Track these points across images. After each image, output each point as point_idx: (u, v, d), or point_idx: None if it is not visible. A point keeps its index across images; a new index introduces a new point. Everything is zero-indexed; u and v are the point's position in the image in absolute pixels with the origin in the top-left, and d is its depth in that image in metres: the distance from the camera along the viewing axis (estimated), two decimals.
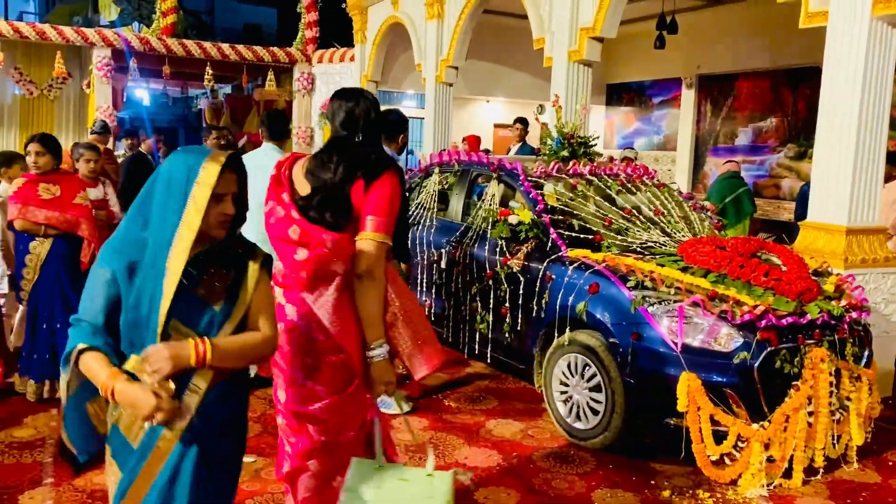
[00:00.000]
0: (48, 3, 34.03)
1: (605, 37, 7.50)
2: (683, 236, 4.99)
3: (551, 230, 4.80)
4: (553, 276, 4.57)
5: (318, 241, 2.45)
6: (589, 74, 7.92)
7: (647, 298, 3.99)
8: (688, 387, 3.67)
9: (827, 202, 5.11)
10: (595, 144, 6.00)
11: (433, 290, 5.81)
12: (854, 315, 4.08)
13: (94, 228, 4.83)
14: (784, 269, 4.08)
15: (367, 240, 2.47)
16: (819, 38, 5.19)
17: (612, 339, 4.09)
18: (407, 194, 4.85)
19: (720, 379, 3.75)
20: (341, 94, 2.70)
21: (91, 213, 4.91)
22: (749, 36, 11.10)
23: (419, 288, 6.00)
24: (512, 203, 5.22)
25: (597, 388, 4.23)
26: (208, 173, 1.94)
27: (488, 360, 5.38)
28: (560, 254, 4.66)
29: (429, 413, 4.79)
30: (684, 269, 4.17)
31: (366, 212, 2.50)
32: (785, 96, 11.08)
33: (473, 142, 14.33)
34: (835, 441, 3.93)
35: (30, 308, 4.81)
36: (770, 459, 3.75)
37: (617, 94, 14.61)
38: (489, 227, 5.23)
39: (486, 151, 8.39)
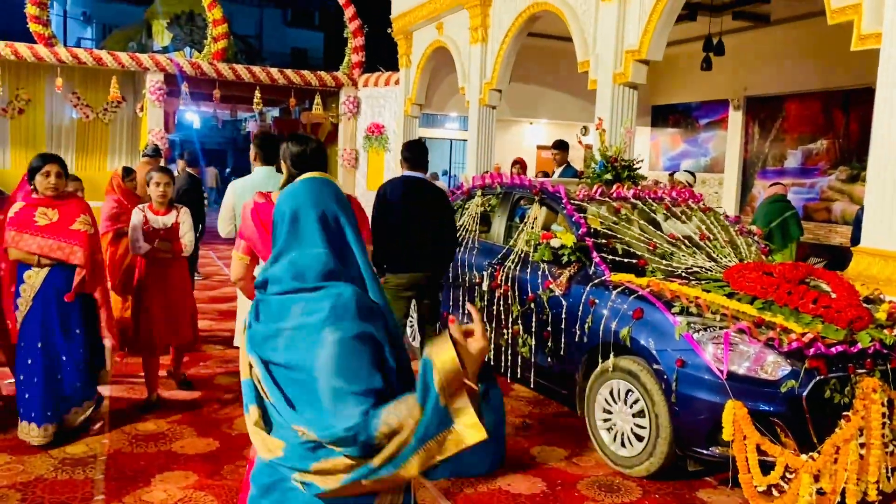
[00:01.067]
0: (105, 30, 35.25)
1: (651, 59, 7.46)
2: (730, 261, 4.90)
3: (594, 254, 4.75)
4: (596, 301, 4.51)
5: None
6: (634, 97, 7.88)
7: (692, 325, 3.92)
8: (734, 415, 3.57)
9: (881, 227, 4.97)
10: (640, 167, 5.93)
11: (482, 313, 5.75)
12: None
13: (89, 256, 4.34)
14: (834, 296, 3.98)
15: None
16: (872, 60, 5.08)
17: (656, 366, 4.02)
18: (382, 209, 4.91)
19: (767, 408, 3.67)
20: (293, 139, 3.36)
21: (89, 239, 4.36)
22: (798, 57, 10.92)
23: (460, 310, 5.97)
24: (554, 226, 5.18)
25: (640, 415, 4.16)
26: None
27: (531, 385, 5.31)
28: (603, 278, 4.60)
29: None
30: (730, 296, 4.09)
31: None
32: (836, 118, 10.85)
33: (523, 164, 14.36)
34: (889, 474, 3.78)
35: (18, 343, 4.40)
36: (820, 492, 3.60)
37: (663, 116, 14.49)
38: (531, 251, 5.20)
39: (544, 174, 8.34)
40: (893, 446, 3.78)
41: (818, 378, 3.64)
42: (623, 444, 4.29)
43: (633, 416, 4.21)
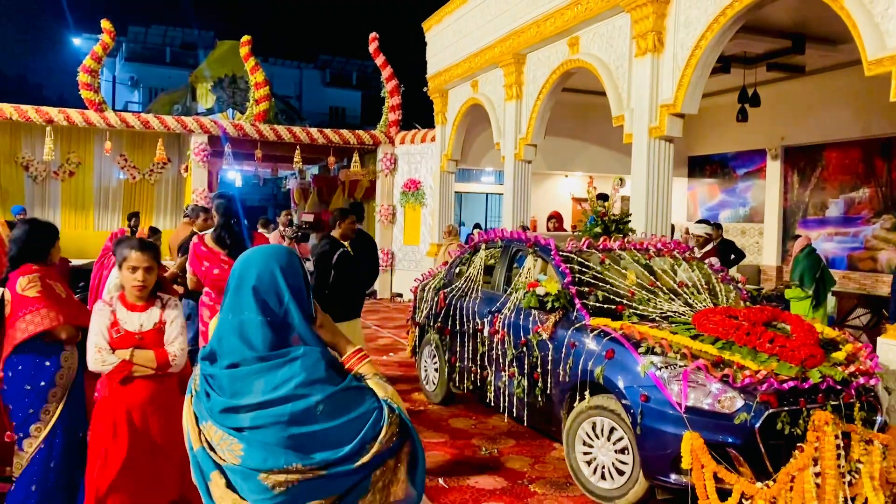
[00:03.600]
0: (151, 93, 36.61)
1: (687, 113, 7.49)
2: (705, 306, 5.09)
3: (576, 300, 5.06)
4: (576, 343, 4.82)
5: None
6: (670, 150, 7.90)
7: (655, 363, 4.23)
8: (691, 445, 3.86)
9: None
10: (629, 222, 6.23)
11: (478, 357, 6.02)
12: (861, 381, 4.15)
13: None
14: (791, 336, 4.25)
15: None
16: None
17: (624, 401, 4.32)
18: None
19: (722, 439, 3.93)
20: (220, 196, 4.97)
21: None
22: (836, 106, 10.86)
23: (465, 354, 6.21)
24: (539, 276, 5.56)
25: (622, 450, 4.41)
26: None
27: (525, 423, 5.52)
28: (584, 322, 4.89)
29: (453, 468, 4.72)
30: (695, 337, 4.38)
31: None
32: (877, 166, 10.71)
33: (559, 218, 14.40)
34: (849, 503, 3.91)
35: (46, 447, 3.61)
36: None
37: (700, 167, 14.45)
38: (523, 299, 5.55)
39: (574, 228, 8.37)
40: (851, 476, 3.91)
41: (770, 411, 3.90)
42: (604, 477, 4.52)
43: (616, 451, 4.44)
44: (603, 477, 4.51)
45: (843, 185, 11.34)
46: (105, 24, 13.36)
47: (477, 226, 15.80)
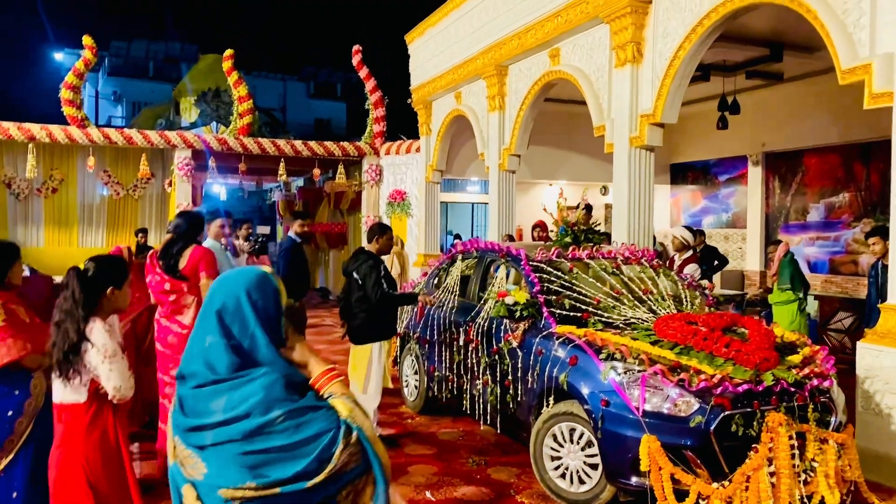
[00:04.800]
0: (134, 108, 36.49)
1: (666, 122, 7.56)
2: (669, 313, 5.23)
3: (544, 309, 5.19)
4: (543, 350, 4.95)
5: (178, 287, 4.93)
6: (651, 159, 7.97)
7: (615, 369, 4.36)
8: (648, 448, 4.00)
9: None
10: (599, 232, 6.35)
11: (454, 365, 6.13)
12: (815, 382, 4.26)
13: None
14: (747, 341, 4.37)
15: (205, 281, 4.92)
16: (889, 113, 5.12)
17: (586, 406, 4.44)
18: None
19: (678, 441, 4.06)
20: (178, 215, 5.26)
21: None
22: (814, 112, 11.00)
23: (443, 363, 6.31)
24: (508, 285, 5.71)
25: (590, 455, 4.53)
26: None
27: (499, 430, 5.65)
28: (550, 330, 5.02)
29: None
30: (655, 343, 4.51)
31: (200, 269, 4.99)
32: (857, 171, 10.85)
33: (543, 227, 14.45)
34: (805, 501, 4.05)
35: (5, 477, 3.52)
36: None
37: (682, 174, 14.57)
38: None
39: (546, 238, 8.41)
40: (807, 475, 4.03)
41: (724, 414, 4.02)
42: (572, 482, 4.63)
43: (585, 456, 4.56)
44: (572, 481, 4.63)
45: (823, 190, 11.47)
46: (86, 39, 13.31)
47: (457, 236, 15.85)
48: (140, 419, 5.61)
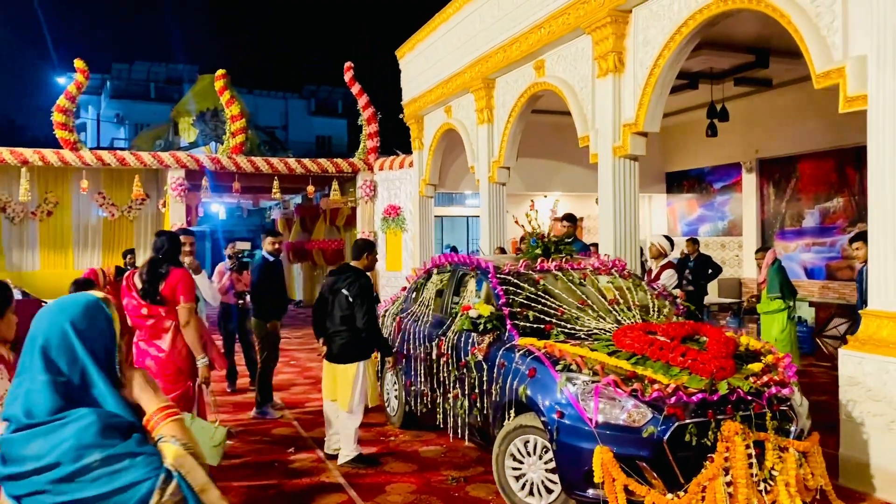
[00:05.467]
0: (136, 129, 36.68)
1: (649, 131, 7.50)
2: (634, 322, 5.21)
3: (508, 322, 5.19)
4: (505, 363, 4.94)
5: (155, 311, 4.84)
6: (635, 168, 7.90)
7: (570, 380, 4.34)
8: (601, 459, 3.96)
9: (887, 288, 4.84)
10: (570, 243, 6.43)
11: (428, 379, 6.13)
12: (774, 391, 4.22)
13: None
14: (705, 350, 4.36)
15: (184, 306, 4.84)
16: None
17: (543, 418, 4.42)
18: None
19: (631, 451, 4.03)
20: (158, 234, 5.12)
21: None
22: (807, 117, 10.93)
23: (419, 377, 6.30)
24: (471, 298, 5.78)
25: (552, 469, 4.46)
26: None
27: (466, 442, 5.69)
28: (513, 342, 5.00)
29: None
30: (613, 353, 4.49)
31: (178, 293, 4.83)
32: (850, 175, 10.76)
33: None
34: None
35: None
36: None
37: (677, 182, 14.50)
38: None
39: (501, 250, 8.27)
40: (766, 484, 3.99)
41: (677, 424, 4.00)
42: (532, 493, 4.59)
43: (547, 470, 4.51)
44: (534, 493, 4.58)
45: (817, 196, 11.38)
46: (78, 63, 13.39)
47: (454, 249, 15.80)
48: None
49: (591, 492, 4.11)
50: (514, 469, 4.69)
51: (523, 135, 10.32)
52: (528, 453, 4.63)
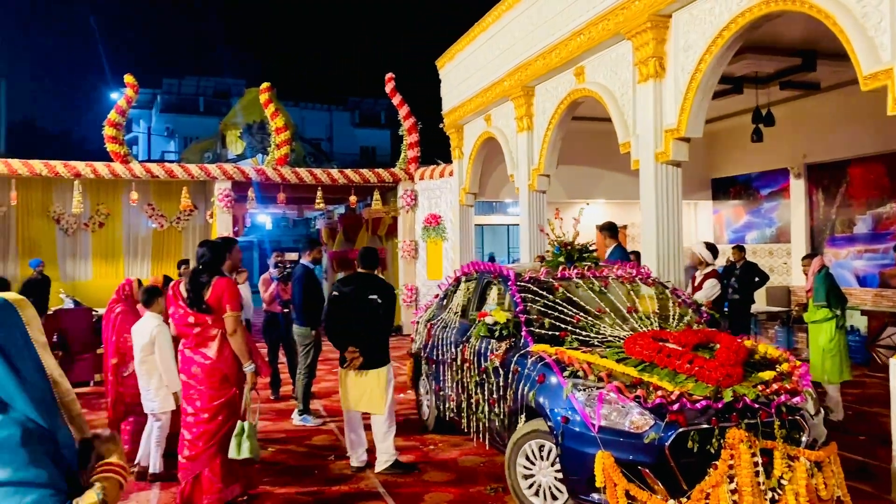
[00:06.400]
0: (186, 142, 37.55)
1: (691, 136, 7.39)
2: (650, 330, 5.18)
3: (523, 328, 5.24)
4: (518, 369, 5.02)
5: (202, 320, 4.90)
6: (678, 174, 7.78)
7: (576, 386, 4.40)
8: (603, 464, 4.01)
9: None
10: (593, 251, 6.38)
11: (454, 384, 6.22)
12: (782, 399, 4.16)
13: None
14: (713, 357, 4.35)
15: (230, 315, 4.89)
16: None
17: (549, 424, 4.49)
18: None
19: (633, 457, 4.06)
20: (200, 244, 5.16)
21: None
22: (856, 121, 10.63)
23: (446, 383, 6.40)
24: (487, 306, 5.92)
25: (560, 471, 4.51)
26: None
27: (487, 446, 5.75)
28: (528, 349, 5.06)
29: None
30: (621, 360, 4.52)
31: (224, 301, 4.90)
32: None
33: None
34: None
35: None
36: None
37: (723, 189, 14.23)
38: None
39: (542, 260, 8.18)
40: (775, 494, 3.95)
41: (680, 430, 4.01)
42: (546, 498, 4.64)
43: (556, 473, 4.55)
44: (545, 497, 4.65)
45: (869, 201, 11.04)
46: (128, 78, 13.79)
47: (491, 258, 15.78)
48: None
49: (594, 496, 4.16)
50: (526, 473, 4.75)
51: (563, 142, 10.25)
52: (540, 458, 4.69)
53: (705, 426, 4.02)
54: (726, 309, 8.86)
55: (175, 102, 40.57)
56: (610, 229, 8.08)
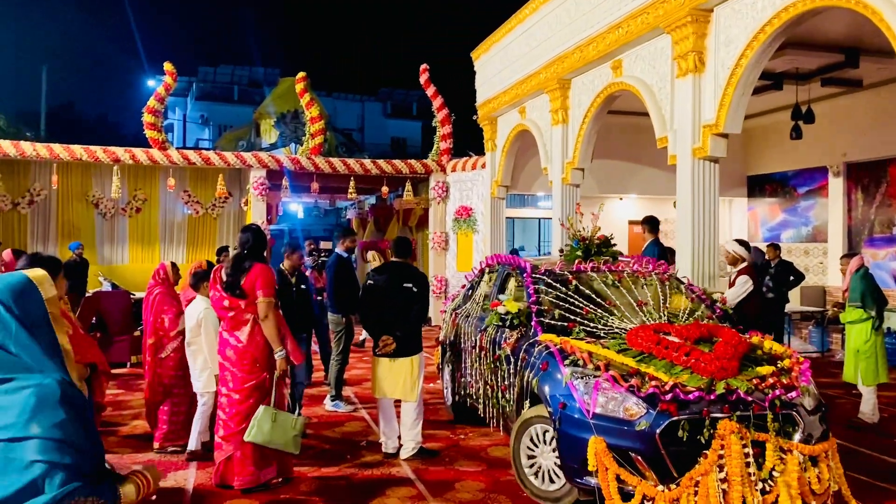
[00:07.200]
0: (220, 130, 37.96)
1: (730, 133, 7.31)
2: (659, 322, 5.31)
3: (534, 318, 5.44)
4: (526, 357, 5.21)
5: (236, 304, 5.01)
6: (715, 170, 7.71)
7: (574, 373, 4.58)
8: (595, 449, 4.20)
9: None
10: (614, 245, 6.49)
11: (473, 371, 6.40)
12: (777, 393, 4.26)
13: None
14: (710, 351, 4.49)
15: (262, 301, 4.98)
16: None
17: (549, 409, 4.68)
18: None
19: (625, 443, 4.22)
20: (243, 230, 5.26)
21: None
22: None
23: (466, 370, 6.59)
24: (500, 296, 6.15)
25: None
26: None
27: (502, 432, 5.96)
28: (536, 338, 5.24)
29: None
30: (622, 351, 4.68)
31: (256, 287, 4.99)
32: None
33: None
34: None
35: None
36: None
37: (759, 186, 14.07)
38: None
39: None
40: (766, 485, 4.05)
41: (671, 419, 4.15)
42: (548, 480, 4.86)
43: (557, 457, 4.71)
44: (544, 479, 4.87)
45: None
46: (167, 66, 13.98)
47: (514, 251, 15.77)
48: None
49: (588, 480, 4.33)
50: (529, 454, 4.96)
51: (598, 136, 10.21)
52: (543, 442, 4.89)
53: (696, 416, 4.16)
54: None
55: (210, 91, 41.03)
56: (650, 223, 8.03)
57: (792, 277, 9.91)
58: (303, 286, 7.00)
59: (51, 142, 13.67)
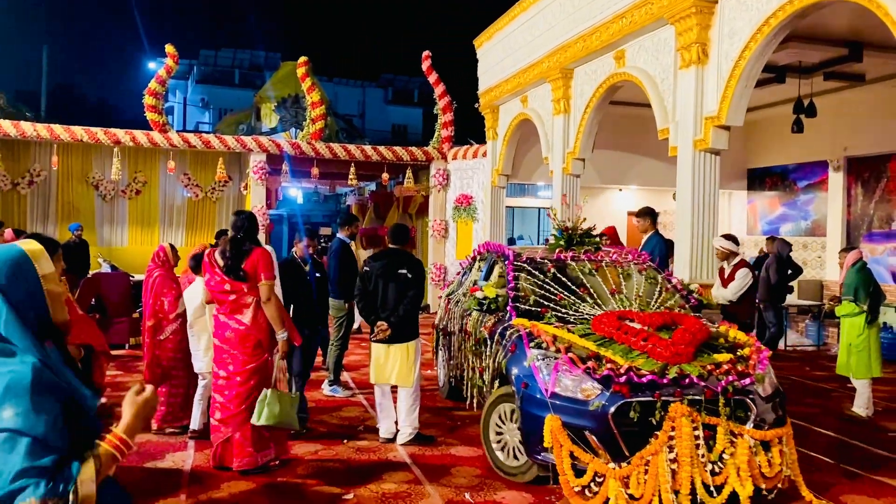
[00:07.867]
0: (220, 114, 37.79)
1: (732, 125, 7.32)
2: (631, 309, 5.53)
3: (510, 304, 5.70)
4: (500, 340, 5.47)
5: (237, 287, 5.04)
6: (716, 162, 7.72)
7: (537, 356, 4.83)
8: (551, 426, 4.44)
9: None
10: (595, 236, 6.71)
11: (458, 354, 6.68)
12: (731, 379, 4.44)
13: None
14: (669, 337, 4.70)
15: (264, 283, 5.03)
16: None
17: (513, 388, 4.96)
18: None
19: (579, 422, 4.47)
20: (236, 213, 5.28)
21: None
22: None
23: (453, 353, 6.84)
24: (481, 282, 6.41)
25: None
26: None
27: (476, 410, 6.02)
28: (510, 322, 5.48)
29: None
30: (585, 335, 4.92)
31: (259, 270, 5.04)
32: None
33: (611, 233, 14.23)
34: (713, 491, 4.27)
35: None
36: (633, 497, 4.27)
37: (759, 179, 14.08)
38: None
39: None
40: (716, 466, 4.27)
41: (623, 401, 4.38)
42: (508, 456, 5.16)
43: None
44: (509, 455, 5.15)
45: None
46: (168, 48, 13.93)
47: (511, 241, 15.84)
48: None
49: (546, 455, 4.59)
50: (497, 433, 5.23)
51: (600, 126, 10.21)
52: (510, 420, 5.15)
53: (647, 398, 4.36)
54: (758, 300, 8.79)
55: (211, 74, 40.79)
56: (649, 215, 7.80)
57: (790, 271, 9.95)
58: (318, 274, 6.93)
59: (51, 122, 13.64)
